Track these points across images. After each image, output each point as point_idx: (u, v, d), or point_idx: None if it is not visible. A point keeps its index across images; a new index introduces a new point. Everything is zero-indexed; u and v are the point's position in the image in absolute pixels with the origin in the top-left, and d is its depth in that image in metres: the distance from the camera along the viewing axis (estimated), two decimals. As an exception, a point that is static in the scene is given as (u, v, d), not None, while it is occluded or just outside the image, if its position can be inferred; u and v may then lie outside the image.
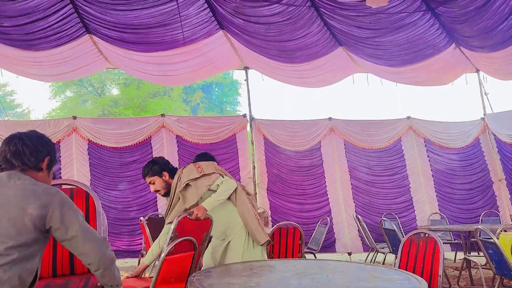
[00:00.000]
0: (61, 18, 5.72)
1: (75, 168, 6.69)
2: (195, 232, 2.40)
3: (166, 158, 3.01)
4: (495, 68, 7.04)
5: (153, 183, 2.82)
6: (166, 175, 2.83)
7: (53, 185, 2.22)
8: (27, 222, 1.45)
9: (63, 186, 2.31)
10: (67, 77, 7.62)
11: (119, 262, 6.30)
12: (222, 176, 2.82)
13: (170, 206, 2.81)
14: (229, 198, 2.80)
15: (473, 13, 5.92)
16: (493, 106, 7.95)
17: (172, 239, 2.22)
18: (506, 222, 6.70)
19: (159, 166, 2.82)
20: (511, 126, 7.27)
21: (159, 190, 2.83)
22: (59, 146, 6.69)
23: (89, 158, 6.78)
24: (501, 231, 3.99)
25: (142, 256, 5.15)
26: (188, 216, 2.43)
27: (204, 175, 2.76)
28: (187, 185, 2.74)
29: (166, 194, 2.86)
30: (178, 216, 2.36)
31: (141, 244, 6.18)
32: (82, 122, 6.94)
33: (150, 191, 6.81)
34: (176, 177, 2.80)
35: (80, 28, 5.99)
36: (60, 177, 6.62)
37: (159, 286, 2.13)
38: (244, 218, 2.78)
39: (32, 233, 1.46)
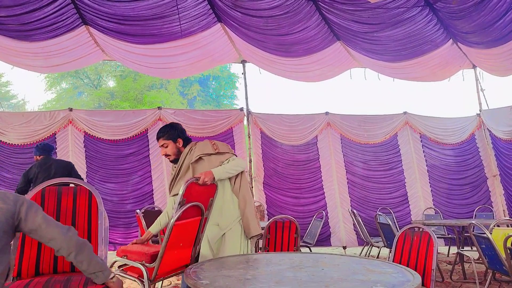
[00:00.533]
0: (57, 8, 5.66)
1: (71, 160, 6.65)
2: (201, 197, 2.42)
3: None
4: (491, 64, 7.06)
5: (166, 147, 2.79)
6: (180, 142, 2.82)
7: (57, 184, 2.26)
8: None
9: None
10: (63, 68, 7.56)
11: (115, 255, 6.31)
12: (236, 156, 2.85)
13: (176, 176, 2.79)
14: (230, 183, 2.79)
15: (471, 9, 5.92)
16: (489, 103, 8.00)
17: (180, 204, 2.23)
18: (499, 217, 6.78)
19: (176, 132, 2.82)
20: (507, 122, 7.31)
21: (169, 155, 2.81)
22: (55, 138, 6.67)
23: (85, 150, 6.77)
24: (494, 226, 4.05)
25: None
26: (195, 181, 2.43)
27: (218, 152, 2.78)
28: (200, 158, 2.74)
29: (175, 161, 2.83)
30: (186, 181, 2.35)
31: (137, 236, 6.20)
32: (78, 114, 6.91)
33: (146, 184, 6.85)
34: (187, 148, 2.80)
35: (77, 19, 5.94)
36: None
37: (168, 250, 2.16)
38: (243, 201, 2.76)
39: (4, 225, 1.57)
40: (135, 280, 2.30)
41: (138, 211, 4.73)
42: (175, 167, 2.86)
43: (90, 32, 6.15)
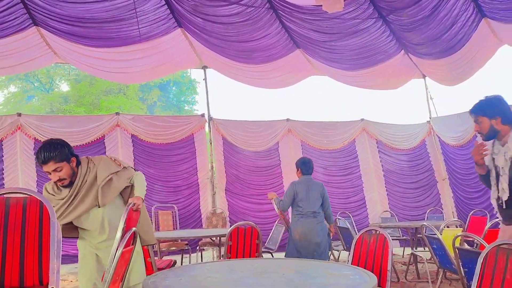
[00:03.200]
0: (4, 8, 5.33)
1: (19, 168, 6.26)
2: (133, 224, 2.27)
3: (121, 157, 2.85)
4: (440, 74, 7.53)
5: (60, 170, 2.35)
6: (74, 161, 2.43)
7: (4, 193, 2.08)
8: None
9: (15, 195, 2.14)
10: (11, 71, 7.13)
11: (68, 268, 5.98)
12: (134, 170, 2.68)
13: (72, 199, 2.40)
14: (121, 197, 2.60)
15: (420, 22, 6.30)
16: (438, 110, 8.51)
17: (123, 231, 2.06)
18: (449, 218, 7.18)
19: (68, 150, 2.43)
20: (455, 129, 7.79)
21: (64, 179, 2.38)
22: (2, 145, 6.24)
23: (35, 158, 6.38)
24: (444, 227, 4.29)
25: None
26: (132, 207, 2.28)
27: (124, 167, 2.57)
28: (109, 179, 2.47)
29: (69, 185, 2.41)
30: (128, 206, 2.22)
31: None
32: (27, 119, 6.51)
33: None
34: (84, 167, 2.47)
35: (27, 19, 5.62)
36: (3, 178, 6.18)
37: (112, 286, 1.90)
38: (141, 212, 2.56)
39: None
40: None
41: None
42: (59, 189, 2.46)
43: (41, 34, 5.84)
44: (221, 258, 4.28)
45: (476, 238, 3.01)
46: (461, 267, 3.02)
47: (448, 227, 4.61)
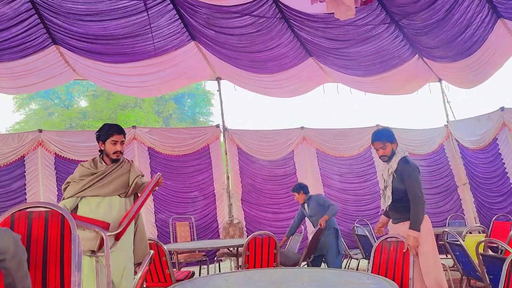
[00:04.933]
0: (25, 28, 5.54)
1: (41, 183, 6.42)
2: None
3: None
4: (456, 77, 7.40)
5: (123, 144, 2.90)
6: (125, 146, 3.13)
7: (28, 208, 2.14)
8: None
9: (40, 209, 2.20)
10: (32, 89, 7.35)
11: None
12: None
13: (103, 176, 2.78)
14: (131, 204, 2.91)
15: (434, 26, 6.23)
16: (455, 114, 8.34)
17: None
18: (471, 224, 6.99)
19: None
20: (473, 132, 7.62)
21: (121, 153, 2.89)
22: (24, 161, 6.42)
23: (56, 172, 6.54)
24: (467, 233, 4.18)
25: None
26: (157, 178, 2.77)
27: (143, 175, 3.01)
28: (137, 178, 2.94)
29: (116, 160, 2.87)
30: (157, 175, 2.73)
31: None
32: (48, 135, 6.70)
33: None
34: (122, 158, 2.95)
35: (46, 39, 5.83)
36: (25, 193, 6.35)
37: None
38: (142, 225, 2.92)
39: None
40: None
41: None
42: (95, 166, 2.84)
43: (61, 52, 6.04)
44: (239, 268, 4.27)
45: (500, 244, 2.92)
46: (486, 274, 2.93)
47: (470, 233, 4.50)
